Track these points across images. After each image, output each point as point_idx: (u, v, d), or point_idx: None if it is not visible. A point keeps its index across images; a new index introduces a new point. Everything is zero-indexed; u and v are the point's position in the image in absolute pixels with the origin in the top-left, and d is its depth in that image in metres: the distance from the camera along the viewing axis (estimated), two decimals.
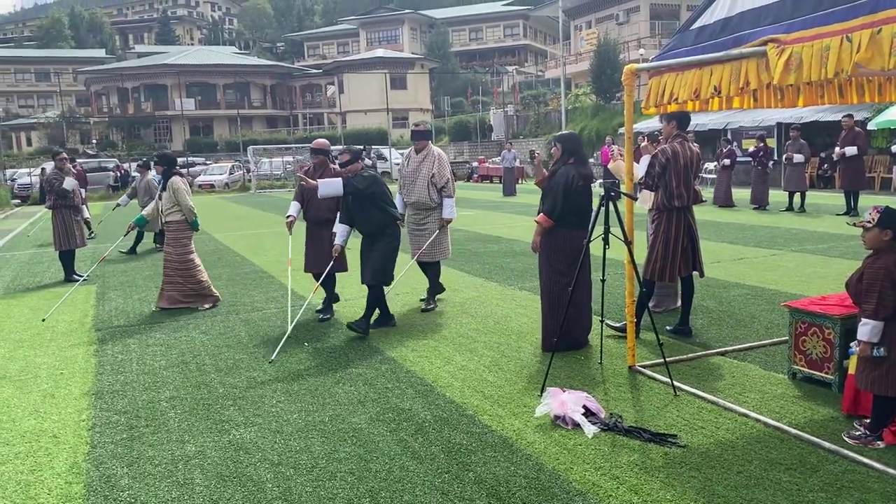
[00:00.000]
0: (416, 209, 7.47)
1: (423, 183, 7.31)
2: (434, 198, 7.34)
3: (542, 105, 44.21)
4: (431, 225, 7.41)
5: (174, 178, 7.95)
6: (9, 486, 3.81)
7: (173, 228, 7.97)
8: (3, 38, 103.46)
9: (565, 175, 5.62)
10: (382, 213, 6.52)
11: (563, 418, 4.33)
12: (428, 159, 7.36)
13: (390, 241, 6.59)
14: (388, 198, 6.57)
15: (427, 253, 7.41)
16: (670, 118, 5.93)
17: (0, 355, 6.39)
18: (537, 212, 5.97)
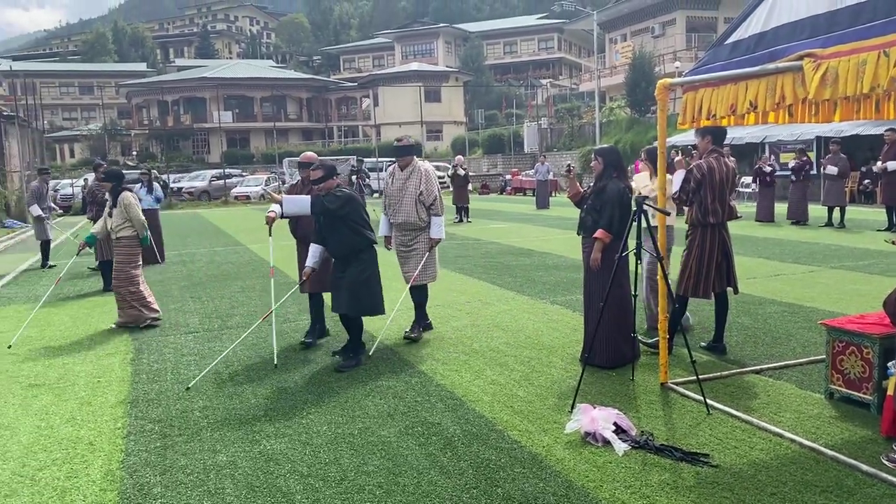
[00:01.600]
0: (403, 230, 6.93)
1: (410, 201, 6.77)
2: (423, 217, 6.80)
3: (576, 118, 44.08)
4: (421, 246, 6.89)
5: (125, 194, 7.92)
6: (45, 491, 3.89)
7: (124, 244, 7.91)
8: (50, 52, 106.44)
9: (617, 189, 5.59)
10: (356, 235, 5.97)
11: (593, 435, 4.29)
12: (414, 176, 6.79)
13: (364, 266, 6.00)
14: (362, 219, 6.03)
15: (415, 276, 6.88)
16: (705, 133, 5.87)
17: (40, 363, 6.54)
18: (578, 228, 5.94)
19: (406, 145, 6.92)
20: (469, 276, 10.45)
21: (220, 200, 34.71)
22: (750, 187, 21.19)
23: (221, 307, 8.88)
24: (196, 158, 56.20)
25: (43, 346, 7.22)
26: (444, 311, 8.09)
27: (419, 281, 6.90)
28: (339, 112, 66.86)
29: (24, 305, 9.51)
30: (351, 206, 5.94)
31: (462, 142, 48.32)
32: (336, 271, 6.07)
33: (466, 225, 19.16)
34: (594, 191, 5.77)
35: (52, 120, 68.47)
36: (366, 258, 6.03)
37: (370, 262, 6.06)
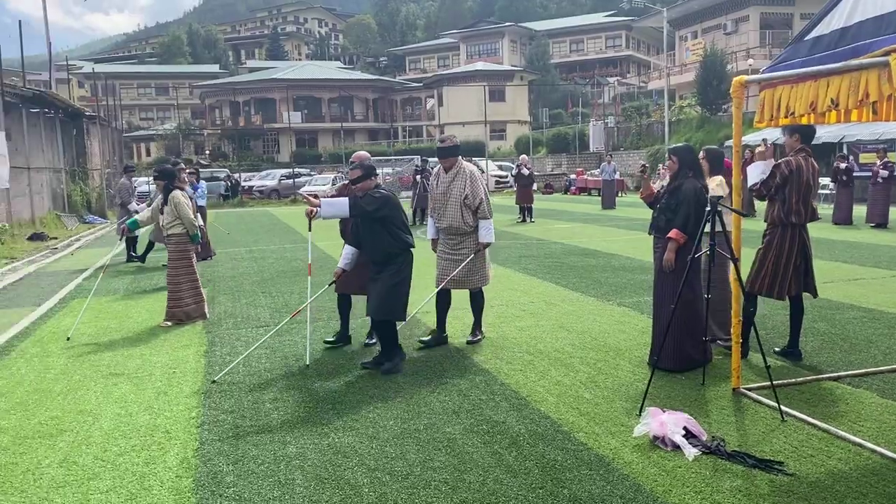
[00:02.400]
0: (448, 234, 6.64)
1: (456, 205, 6.47)
2: (469, 221, 6.50)
3: (643, 117, 43.32)
4: (466, 251, 6.60)
5: (175, 192, 8.02)
6: (125, 476, 4.06)
7: (174, 242, 8.07)
8: (128, 54, 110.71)
9: (693, 188, 5.49)
10: (393, 238, 5.78)
11: (662, 439, 4.22)
12: (459, 178, 6.49)
13: (398, 271, 5.81)
14: (401, 221, 5.82)
15: (461, 280, 6.61)
16: (793, 131, 5.71)
17: (119, 353, 6.81)
18: (650, 228, 5.86)
19: (449, 146, 6.58)
20: (533, 277, 10.40)
21: (289, 199, 35.44)
22: (827, 188, 20.44)
23: (291, 302, 9.07)
24: (266, 158, 57.53)
25: (122, 337, 7.51)
26: (507, 311, 8.07)
27: (471, 286, 6.65)
28: (404, 112, 67.44)
29: (104, 298, 9.91)
30: (388, 207, 5.74)
31: (526, 141, 48.06)
32: (371, 273, 5.91)
33: (530, 225, 19.06)
34: (668, 190, 5.67)
35: (130, 120, 71.03)
36: (400, 262, 5.83)
37: (404, 266, 5.85)
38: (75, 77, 60.25)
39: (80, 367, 6.37)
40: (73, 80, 53.66)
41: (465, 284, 6.62)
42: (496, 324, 7.47)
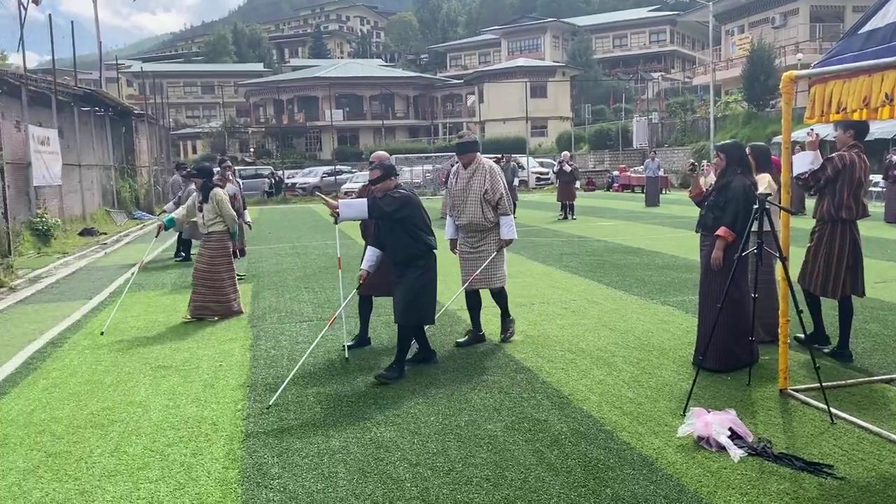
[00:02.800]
0: (468, 232, 6.53)
1: (475, 201, 6.36)
2: (489, 217, 6.39)
3: (688, 112, 42.64)
4: (488, 248, 6.48)
5: (216, 190, 8.05)
6: (174, 466, 4.16)
7: (216, 239, 8.07)
8: (175, 53, 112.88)
9: (742, 186, 5.39)
10: (414, 240, 5.61)
11: (706, 440, 4.16)
12: (478, 174, 6.38)
13: (422, 273, 5.64)
14: (422, 222, 5.67)
15: (483, 279, 6.48)
16: (848, 126, 5.59)
17: (168, 346, 6.97)
18: (697, 225, 5.78)
19: (467, 141, 6.48)
20: (574, 274, 10.33)
21: (332, 196, 35.71)
22: (879, 185, 19.88)
23: (333, 297, 9.17)
24: (309, 155, 58.17)
25: (170, 330, 7.68)
26: (548, 309, 8.03)
27: (487, 285, 6.52)
28: (445, 109, 67.49)
29: (153, 292, 10.15)
30: (409, 208, 5.57)
31: (568, 137, 47.72)
32: (394, 276, 5.76)
33: (572, 222, 18.93)
34: (717, 187, 5.58)
35: (177, 118, 72.45)
36: (423, 265, 5.65)
37: (428, 269, 5.68)
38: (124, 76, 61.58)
39: (130, 359, 6.54)
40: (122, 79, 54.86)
41: (487, 284, 6.52)
42: (537, 321, 7.44)
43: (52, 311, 9.02)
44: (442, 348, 6.50)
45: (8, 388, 5.80)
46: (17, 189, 15.80)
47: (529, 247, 13.67)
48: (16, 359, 6.74)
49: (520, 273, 10.59)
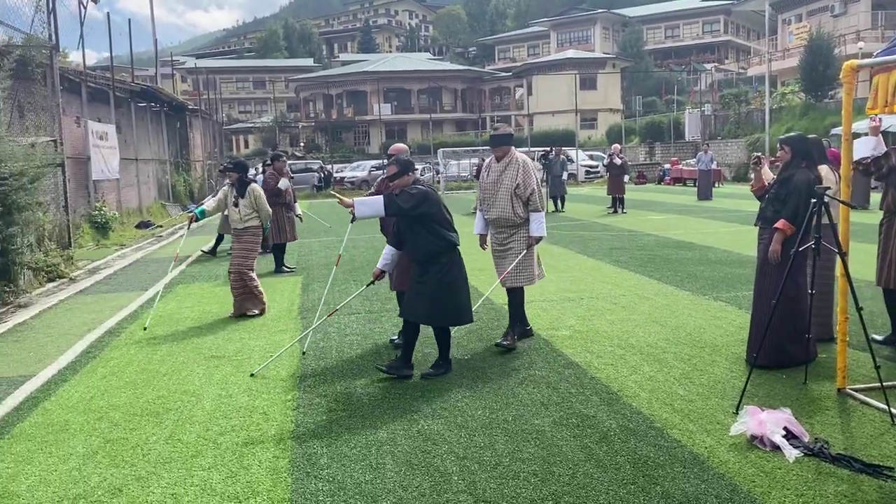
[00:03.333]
0: (498, 227, 6.39)
1: (506, 195, 6.21)
2: (519, 213, 6.23)
3: (742, 104, 41.63)
4: (517, 245, 6.32)
5: (253, 185, 7.97)
6: (226, 455, 4.24)
7: (251, 234, 7.98)
8: (228, 49, 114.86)
9: (806, 179, 5.25)
10: (434, 237, 5.41)
11: (760, 439, 4.07)
12: (511, 168, 6.23)
13: (445, 271, 5.44)
14: (442, 218, 5.46)
15: (509, 277, 6.33)
16: None
17: (220, 337, 7.11)
18: (757, 219, 5.65)
19: (501, 134, 6.36)
20: (625, 269, 10.19)
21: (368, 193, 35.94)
22: None
23: (381, 290, 9.20)
24: (357, 149, 58.62)
25: (222, 320, 7.84)
26: (598, 304, 7.95)
27: (513, 283, 6.34)
28: (493, 102, 67.25)
29: (206, 283, 10.37)
30: (427, 204, 5.37)
31: (618, 130, 47.06)
32: (414, 275, 5.57)
33: (622, 216, 18.68)
34: (779, 180, 5.44)
35: (230, 113, 73.73)
36: (445, 261, 5.45)
37: (451, 265, 5.47)
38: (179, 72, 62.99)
39: (184, 349, 6.69)
40: (177, 75, 56.10)
41: (512, 281, 6.33)
42: (586, 316, 7.37)
43: (109, 302, 9.29)
44: (489, 342, 6.48)
45: (69, 375, 6.00)
46: (77, 183, 16.30)
47: (578, 241, 13.54)
48: (76, 347, 6.96)
49: (568, 268, 10.50)
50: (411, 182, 5.52)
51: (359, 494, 3.67)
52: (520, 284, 6.36)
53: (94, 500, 3.72)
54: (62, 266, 11.14)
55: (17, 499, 3.78)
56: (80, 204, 16.18)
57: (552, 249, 12.48)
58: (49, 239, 11.44)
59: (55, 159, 11.05)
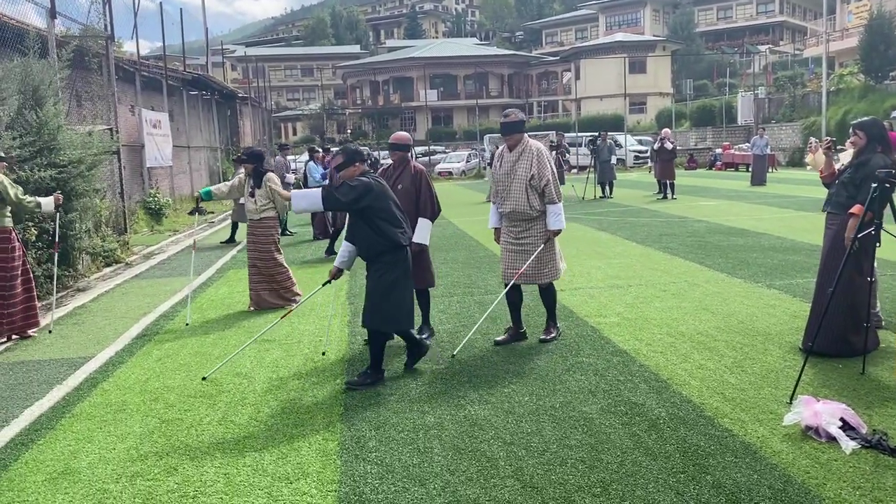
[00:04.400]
0: (512, 220, 5.97)
1: (520, 187, 5.82)
2: (535, 205, 5.83)
3: (798, 87, 40.42)
4: (534, 240, 5.90)
5: (269, 175, 7.76)
6: (277, 437, 4.32)
7: (266, 225, 7.76)
8: (276, 37, 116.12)
9: (883, 164, 5.08)
10: (376, 234, 5.05)
11: (815, 430, 3.97)
12: (524, 157, 5.84)
13: (385, 272, 5.07)
14: (388, 213, 5.08)
15: (530, 275, 5.93)
16: None
17: (270, 321, 7.22)
18: (825, 204, 5.50)
19: (514, 121, 5.88)
20: (674, 256, 10.03)
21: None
22: None
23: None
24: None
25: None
26: (646, 291, 7.84)
27: (536, 280, 5.97)
28: (540, 87, 66.65)
29: None
30: (370, 197, 4.99)
31: (668, 114, 46.19)
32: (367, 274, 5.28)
33: (672, 202, 18.37)
34: (853, 164, 5.26)
35: (278, 100, 74.64)
36: (388, 260, 5.08)
37: (393, 265, 5.08)
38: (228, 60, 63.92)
39: (236, 332, 6.83)
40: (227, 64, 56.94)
41: (534, 279, 5.96)
42: (634, 304, 7.28)
43: (163, 286, 9.53)
44: (534, 329, 6.45)
45: (126, 357, 6.19)
46: (132, 170, 16.71)
47: (627, 227, 13.37)
48: (132, 330, 7.17)
49: (616, 254, 10.38)
50: (359, 173, 5.13)
51: (407, 477, 3.71)
52: (547, 280, 6.01)
53: (151, 478, 3.84)
54: (118, 251, 11.46)
55: (78, 475, 3.92)
56: (134, 191, 16.59)
57: (599, 236, 12.35)
58: (106, 225, 11.77)
59: (111, 147, 11.33)
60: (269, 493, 3.61)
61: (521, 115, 5.99)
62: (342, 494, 3.56)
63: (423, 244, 6.00)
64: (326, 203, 5.06)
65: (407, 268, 5.20)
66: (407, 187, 6.07)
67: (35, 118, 8.94)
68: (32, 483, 3.85)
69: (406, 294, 5.18)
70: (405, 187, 6.06)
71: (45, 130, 9.05)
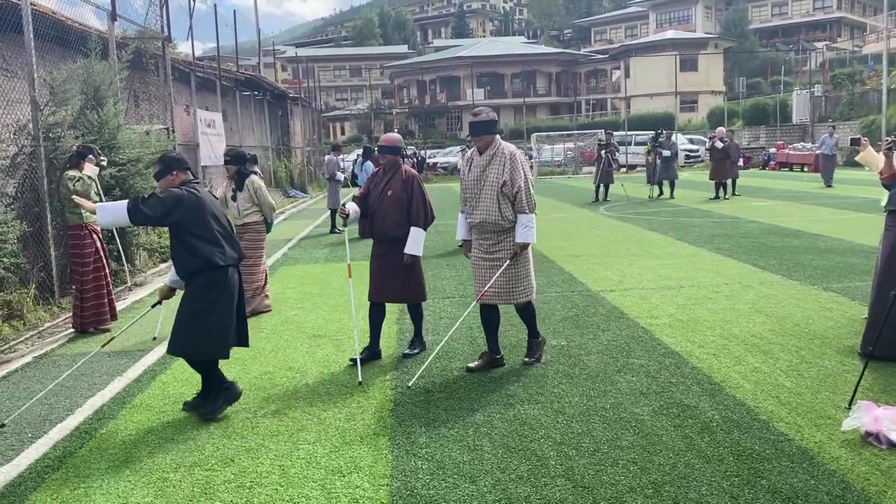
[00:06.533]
0: (483, 232, 5.33)
1: (491, 195, 5.20)
2: (508, 215, 5.21)
3: (857, 84, 39.25)
4: (506, 254, 5.27)
5: (252, 177, 7.43)
6: (329, 430, 4.40)
7: (253, 230, 7.47)
8: (325, 38, 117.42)
9: None
10: (189, 252, 4.55)
11: (875, 436, 3.87)
12: (496, 161, 5.23)
13: (197, 296, 4.60)
14: (204, 229, 4.56)
15: (503, 295, 5.30)
16: None
17: (322, 317, 7.35)
18: (887, 203, 5.36)
19: (483, 121, 5.26)
20: (727, 257, 9.85)
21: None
22: None
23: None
24: (450, 135, 58.90)
25: (323, 301, 8.08)
26: (698, 293, 7.73)
27: (508, 300, 5.34)
28: (588, 85, 66.05)
29: (308, 266, 10.71)
30: (180, 211, 4.51)
31: (720, 113, 45.31)
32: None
33: (724, 202, 18.03)
34: None
35: (327, 101, 75.45)
36: (200, 283, 4.59)
37: (205, 289, 4.59)
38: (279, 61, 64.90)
39: (288, 328, 6.95)
40: (278, 64, 57.85)
41: (508, 298, 5.33)
42: (687, 305, 7.19)
43: None
44: (585, 329, 6.42)
45: None
46: None
47: (678, 227, 13.18)
48: None
49: (667, 255, 10.25)
50: (178, 183, 4.67)
51: (458, 474, 3.74)
52: (524, 299, 5.39)
53: (209, 468, 3.94)
54: None
55: (140, 463, 4.05)
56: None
57: (650, 236, 12.21)
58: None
59: (168, 146, 11.62)
60: (323, 486, 3.68)
61: (492, 114, 5.35)
62: (394, 489, 3.61)
63: (415, 255, 5.62)
64: (133, 217, 4.53)
65: (224, 291, 4.62)
66: (397, 193, 5.64)
67: (96, 118, 9.24)
68: (97, 470, 4.00)
69: (220, 321, 4.60)
70: (395, 193, 5.64)
71: (106, 129, 9.35)
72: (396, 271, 5.64)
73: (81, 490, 3.77)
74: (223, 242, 4.66)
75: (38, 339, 7.06)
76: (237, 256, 4.76)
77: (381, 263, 5.72)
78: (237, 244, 4.83)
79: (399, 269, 5.64)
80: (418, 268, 5.78)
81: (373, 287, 5.77)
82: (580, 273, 9.04)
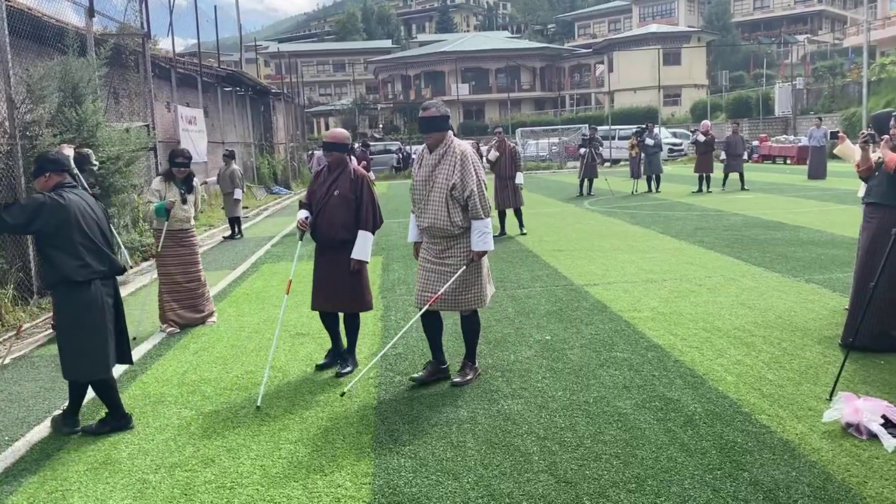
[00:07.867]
0: (432, 237, 4.96)
1: (440, 198, 4.81)
2: (457, 221, 4.82)
3: (837, 77, 39.57)
4: (458, 261, 4.89)
5: (196, 179, 7.30)
6: (311, 429, 4.36)
7: (192, 232, 7.38)
8: (308, 33, 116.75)
9: None
10: (48, 265, 4.22)
11: (856, 427, 3.90)
12: (446, 161, 4.82)
13: (59, 315, 4.36)
14: (65, 240, 4.17)
15: (448, 300, 4.91)
16: None
17: (304, 315, 7.29)
18: (866, 194, 5.39)
19: (433, 116, 4.82)
20: (710, 250, 9.90)
21: None
22: None
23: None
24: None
25: (306, 300, 8.01)
26: (681, 286, 7.75)
27: (456, 307, 4.97)
28: (572, 80, 66.10)
29: (290, 263, 10.63)
30: (43, 220, 4.12)
31: (703, 106, 45.52)
32: None
33: (707, 195, 18.12)
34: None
35: (310, 96, 75.04)
36: (59, 300, 4.29)
37: (63, 307, 4.29)
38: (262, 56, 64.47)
39: (271, 326, 6.90)
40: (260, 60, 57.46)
41: (453, 305, 4.95)
42: (669, 299, 7.21)
43: None
44: (569, 323, 6.42)
45: (164, 350, 6.29)
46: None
47: (661, 221, 13.22)
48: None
49: (650, 248, 10.28)
50: (52, 185, 4.31)
51: (441, 471, 3.72)
52: (471, 308, 5.01)
53: (189, 469, 3.90)
54: (158, 247, 11.62)
55: (119, 465, 4.00)
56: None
57: (633, 230, 12.24)
58: (143, 220, 11.97)
59: (148, 143, 11.53)
60: (305, 486, 3.65)
61: (443, 109, 4.89)
62: (376, 487, 3.59)
63: (362, 260, 5.30)
64: None
65: (89, 309, 4.27)
66: (345, 194, 5.27)
67: (75, 115, 9.12)
68: (74, 472, 3.94)
69: (93, 340, 4.30)
70: (342, 193, 5.27)
71: (85, 127, 9.23)
72: (342, 279, 5.29)
73: (59, 493, 3.72)
74: (85, 255, 4.23)
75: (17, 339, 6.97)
76: (107, 270, 4.36)
77: (326, 270, 5.35)
78: (108, 256, 4.39)
79: (345, 275, 5.28)
80: (364, 275, 5.42)
81: (317, 296, 5.39)
82: (564, 267, 9.05)
